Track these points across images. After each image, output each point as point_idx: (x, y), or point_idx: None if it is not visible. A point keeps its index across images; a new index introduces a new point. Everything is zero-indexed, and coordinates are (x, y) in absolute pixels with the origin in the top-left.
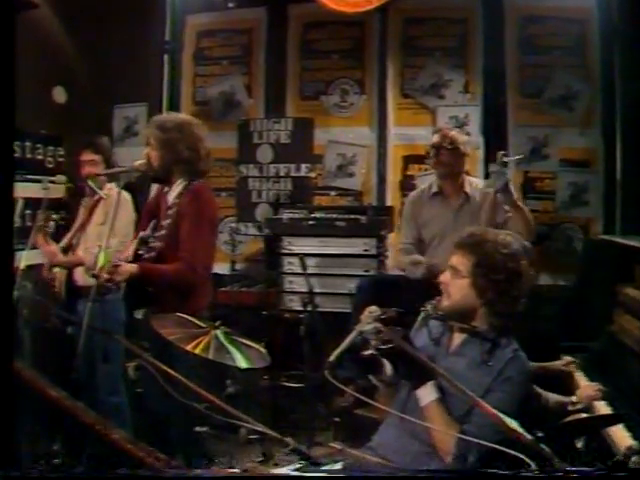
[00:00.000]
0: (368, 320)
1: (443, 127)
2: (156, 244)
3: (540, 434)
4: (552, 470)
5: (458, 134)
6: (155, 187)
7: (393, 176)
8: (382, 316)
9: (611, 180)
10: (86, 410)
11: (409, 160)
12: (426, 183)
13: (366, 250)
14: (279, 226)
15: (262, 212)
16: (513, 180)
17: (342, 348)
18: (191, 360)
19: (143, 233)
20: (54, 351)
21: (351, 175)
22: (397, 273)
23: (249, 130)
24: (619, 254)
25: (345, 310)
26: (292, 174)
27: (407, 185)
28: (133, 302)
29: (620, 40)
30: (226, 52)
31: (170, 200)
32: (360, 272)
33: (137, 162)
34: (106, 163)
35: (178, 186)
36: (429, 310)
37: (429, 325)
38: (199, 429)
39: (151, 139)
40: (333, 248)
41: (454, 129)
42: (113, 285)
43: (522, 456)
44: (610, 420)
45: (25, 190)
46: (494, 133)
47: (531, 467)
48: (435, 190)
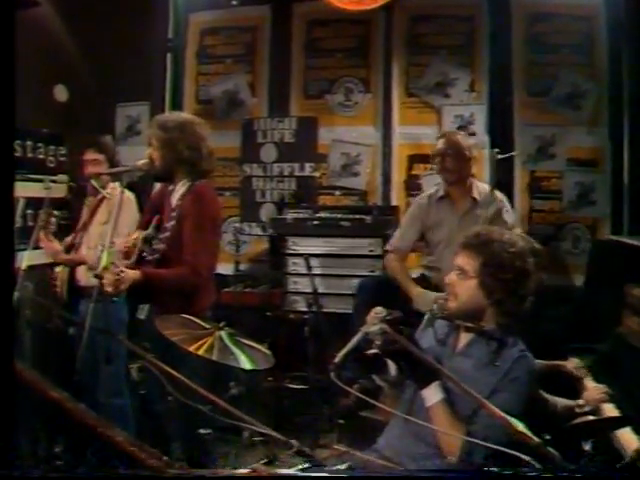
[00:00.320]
0: (374, 321)
1: (447, 132)
2: (160, 246)
3: (547, 436)
4: (557, 470)
5: (463, 138)
6: (159, 185)
7: (398, 175)
8: (388, 317)
9: (619, 180)
10: (88, 412)
11: (414, 159)
12: (433, 187)
13: (371, 250)
14: (283, 226)
15: (266, 212)
16: (520, 179)
17: (347, 349)
18: (194, 361)
19: (146, 232)
20: (56, 352)
21: (356, 174)
22: None
23: (253, 129)
24: (627, 255)
25: (350, 311)
26: (296, 173)
27: (412, 185)
28: (135, 300)
29: (628, 38)
30: (230, 50)
31: (174, 202)
32: (365, 272)
33: (140, 161)
34: (109, 162)
35: (181, 187)
36: (435, 310)
37: (435, 325)
38: (203, 431)
39: (153, 139)
40: (338, 248)
41: (459, 133)
42: (117, 294)
43: (528, 458)
44: (618, 422)
45: (26, 190)
46: (500, 132)
47: (535, 467)
48: (442, 194)
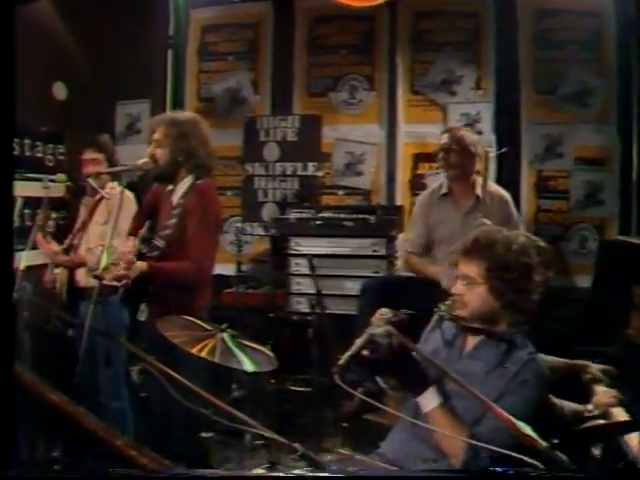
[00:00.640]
0: (379, 323)
1: (452, 127)
2: (159, 243)
3: (555, 441)
4: (559, 470)
5: (468, 134)
6: (152, 189)
7: (403, 175)
8: (393, 318)
9: (627, 179)
10: (88, 415)
11: (419, 158)
12: (436, 183)
13: (375, 251)
14: (286, 226)
15: (268, 212)
16: (526, 179)
17: (352, 351)
18: (195, 363)
19: (142, 233)
20: (55, 354)
21: (360, 174)
22: (404, 274)
23: (255, 127)
24: (635, 255)
25: (354, 312)
26: (299, 173)
27: (417, 184)
28: (131, 302)
29: (637, 33)
30: (231, 47)
31: (175, 200)
32: (369, 273)
33: (141, 161)
34: (109, 162)
35: (183, 185)
36: (443, 311)
37: (442, 327)
38: (205, 435)
39: (159, 135)
40: (341, 249)
41: (463, 128)
42: (126, 281)
43: (535, 462)
44: (627, 427)
45: (24, 189)
46: (507, 131)
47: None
48: (445, 191)
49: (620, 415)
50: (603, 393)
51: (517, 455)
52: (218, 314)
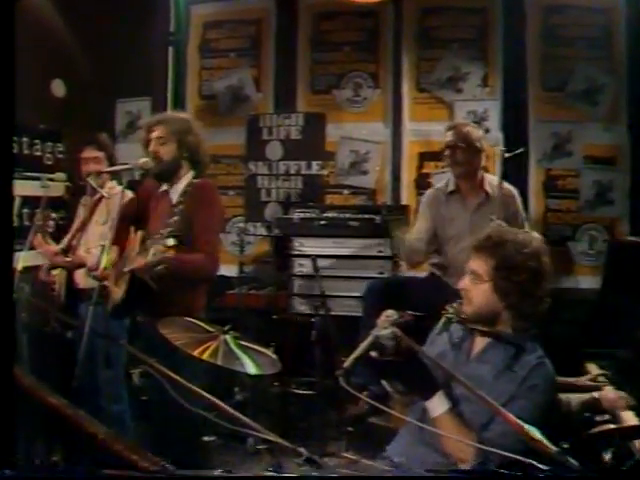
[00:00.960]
0: (385, 324)
1: (456, 123)
2: (166, 241)
3: (565, 445)
4: (563, 471)
5: (473, 129)
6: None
7: (408, 174)
8: (399, 320)
9: (637, 178)
10: (88, 418)
11: (425, 157)
12: (443, 181)
13: (380, 251)
14: (289, 226)
15: (271, 211)
16: (535, 178)
17: (357, 354)
18: (197, 365)
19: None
20: (54, 356)
21: (364, 173)
22: (409, 275)
23: (258, 126)
24: None
25: (358, 314)
26: (303, 172)
27: (423, 183)
28: (131, 305)
29: None
30: (233, 44)
31: (174, 199)
32: (374, 274)
33: (141, 160)
34: (109, 160)
35: (181, 183)
36: (451, 313)
37: (450, 329)
38: (207, 438)
39: (161, 133)
40: (346, 249)
41: (469, 124)
42: (163, 269)
43: (544, 467)
44: (638, 431)
45: (23, 188)
46: (514, 129)
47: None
48: (452, 188)
49: (630, 419)
50: (609, 390)
51: (526, 460)
52: (220, 316)
